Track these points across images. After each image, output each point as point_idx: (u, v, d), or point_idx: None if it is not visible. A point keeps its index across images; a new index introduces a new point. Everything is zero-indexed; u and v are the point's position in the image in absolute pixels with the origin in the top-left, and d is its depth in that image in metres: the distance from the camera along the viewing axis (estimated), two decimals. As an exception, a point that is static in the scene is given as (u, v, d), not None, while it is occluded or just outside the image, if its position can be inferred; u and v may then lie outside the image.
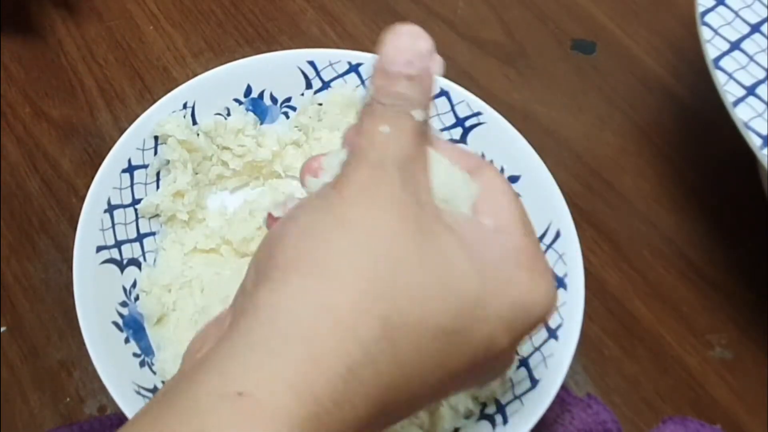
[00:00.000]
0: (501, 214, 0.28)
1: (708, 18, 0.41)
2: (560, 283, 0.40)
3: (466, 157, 0.30)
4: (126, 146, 0.43)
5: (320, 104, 0.46)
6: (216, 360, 0.24)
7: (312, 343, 0.24)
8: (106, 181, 0.42)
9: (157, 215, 0.44)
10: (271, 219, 0.32)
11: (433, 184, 0.28)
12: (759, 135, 0.37)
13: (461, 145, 0.31)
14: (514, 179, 0.43)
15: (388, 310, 0.24)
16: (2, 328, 0.44)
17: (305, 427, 0.22)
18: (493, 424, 0.37)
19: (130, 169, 0.43)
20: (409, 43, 0.27)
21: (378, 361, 0.24)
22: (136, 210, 0.43)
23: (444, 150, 0.29)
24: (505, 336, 0.27)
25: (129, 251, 0.42)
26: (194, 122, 0.45)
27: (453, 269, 0.26)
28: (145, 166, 0.43)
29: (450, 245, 0.26)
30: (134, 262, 0.42)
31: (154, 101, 0.44)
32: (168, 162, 0.44)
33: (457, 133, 0.45)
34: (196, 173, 0.45)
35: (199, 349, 0.27)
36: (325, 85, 0.46)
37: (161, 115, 0.43)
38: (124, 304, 0.40)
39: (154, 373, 0.39)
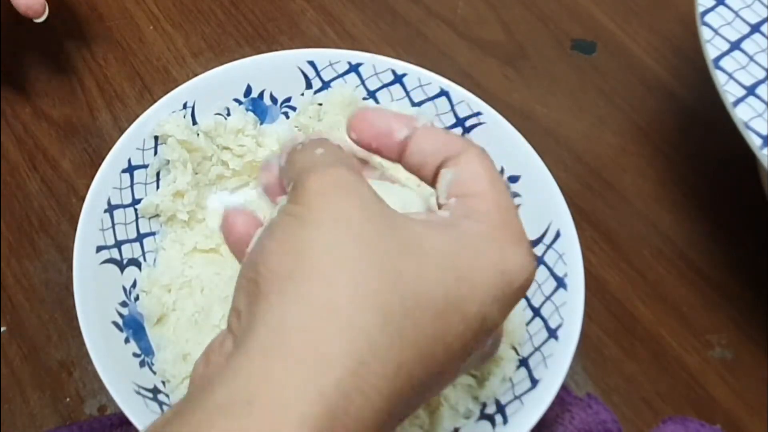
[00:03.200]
0: (474, 196, 0.29)
1: (708, 18, 0.41)
2: (560, 283, 0.40)
3: (449, 143, 0.31)
4: (126, 146, 0.43)
5: (320, 104, 0.46)
6: (223, 376, 0.24)
7: (317, 345, 0.24)
8: (106, 181, 0.42)
9: (157, 215, 0.44)
10: (229, 219, 0.32)
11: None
12: (759, 135, 0.37)
13: (445, 130, 0.32)
14: (514, 179, 0.43)
15: (386, 299, 0.25)
16: (2, 328, 0.44)
17: (319, 425, 0.23)
18: (493, 424, 0.37)
19: (130, 169, 0.43)
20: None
21: (383, 350, 0.24)
22: (136, 210, 0.43)
23: (425, 135, 0.30)
24: (495, 307, 0.28)
25: (129, 251, 0.42)
26: (194, 122, 0.45)
27: (429, 252, 0.27)
28: (145, 166, 0.43)
29: (419, 231, 0.27)
30: (134, 262, 0.42)
31: (154, 101, 0.44)
32: (168, 162, 0.44)
33: (457, 133, 0.45)
34: (196, 173, 0.45)
35: (203, 374, 0.28)
36: (325, 85, 0.46)
37: (161, 115, 0.43)
38: (124, 304, 0.40)
39: (154, 373, 0.39)
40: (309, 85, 0.46)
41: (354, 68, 0.46)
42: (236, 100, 0.46)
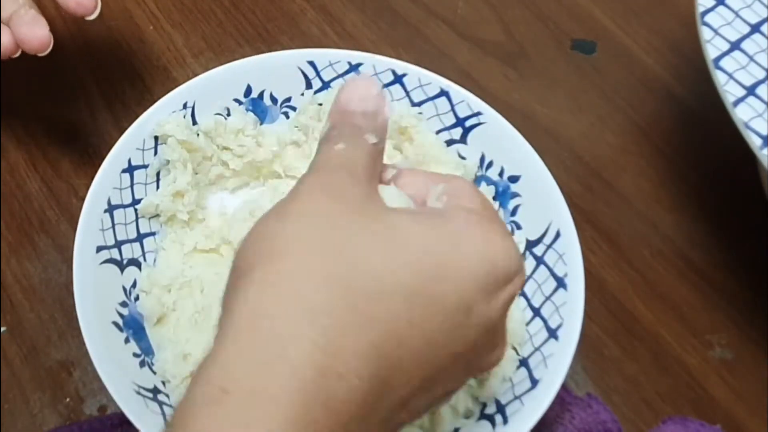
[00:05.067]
0: (458, 196, 0.31)
1: (708, 18, 0.41)
2: (560, 283, 0.40)
3: (435, 177, 0.32)
4: (126, 146, 0.43)
5: (320, 104, 0.46)
6: (201, 370, 0.25)
7: (282, 327, 0.25)
8: (106, 181, 0.42)
9: (157, 215, 0.44)
10: None
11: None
12: (759, 135, 0.37)
13: (431, 173, 0.34)
14: (514, 179, 0.43)
15: (351, 283, 0.26)
16: (2, 328, 0.44)
17: (294, 409, 0.23)
18: (493, 424, 0.37)
19: (130, 169, 0.43)
20: (362, 86, 0.31)
21: (354, 329, 0.25)
22: (136, 210, 0.43)
23: (410, 173, 0.32)
24: (480, 296, 0.28)
25: (129, 251, 0.42)
26: (194, 122, 0.45)
27: (404, 239, 0.27)
28: (145, 166, 0.43)
29: (399, 221, 0.28)
30: (134, 262, 0.42)
31: (154, 101, 0.44)
32: (168, 162, 0.44)
33: (457, 133, 0.45)
34: (196, 173, 0.45)
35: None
36: (325, 85, 0.46)
37: (161, 115, 0.43)
38: (124, 304, 0.40)
39: (154, 373, 0.39)
40: (309, 85, 0.46)
41: (354, 68, 0.46)
42: (236, 100, 0.46)
